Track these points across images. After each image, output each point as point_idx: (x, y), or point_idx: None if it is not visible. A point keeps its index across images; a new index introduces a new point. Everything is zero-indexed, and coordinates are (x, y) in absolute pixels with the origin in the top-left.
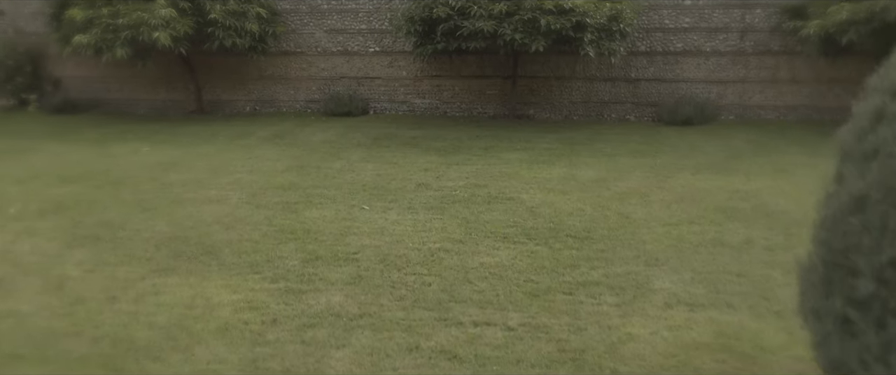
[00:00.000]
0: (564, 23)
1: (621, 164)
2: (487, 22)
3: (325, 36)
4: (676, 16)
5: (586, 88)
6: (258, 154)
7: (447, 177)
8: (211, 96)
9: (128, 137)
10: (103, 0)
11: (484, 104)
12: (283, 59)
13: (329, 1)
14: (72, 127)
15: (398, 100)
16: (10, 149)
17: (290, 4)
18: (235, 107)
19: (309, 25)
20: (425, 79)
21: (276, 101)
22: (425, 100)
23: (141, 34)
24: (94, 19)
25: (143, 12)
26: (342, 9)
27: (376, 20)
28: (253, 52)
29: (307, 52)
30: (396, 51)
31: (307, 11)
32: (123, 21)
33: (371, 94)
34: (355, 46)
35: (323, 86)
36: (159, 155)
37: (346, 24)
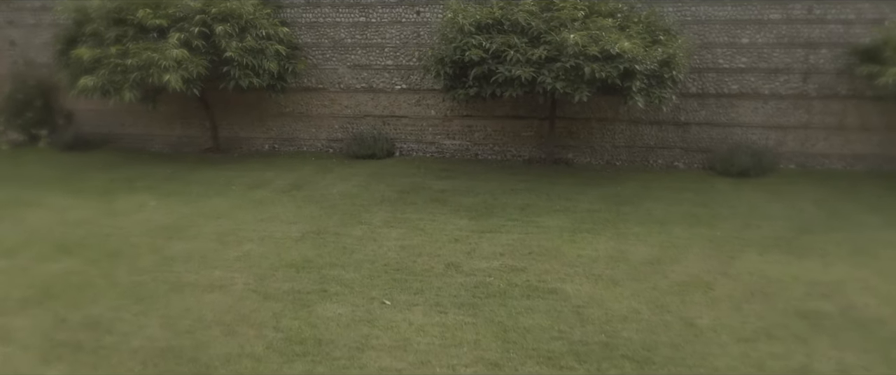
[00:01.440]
0: (611, 70)
1: (676, 237)
2: (525, 68)
3: (348, 72)
4: (732, 55)
5: (631, 132)
6: (272, 213)
7: (480, 252)
8: (228, 133)
9: (136, 186)
10: (112, 38)
11: (519, 146)
12: (304, 96)
13: (353, 35)
14: (80, 169)
15: (426, 141)
16: (9, 202)
17: (312, 38)
18: (253, 144)
19: (332, 60)
20: (455, 119)
21: (297, 140)
22: (455, 141)
23: (151, 76)
24: (102, 59)
25: (153, 52)
26: (367, 43)
27: (404, 55)
28: (271, 91)
29: (329, 89)
30: (425, 88)
31: (330, 46)
32: (133, 61)
33: (397, 134)
34: (381, 83)
35: (346, 125)
36: (166, 213)
37: (371, 60)
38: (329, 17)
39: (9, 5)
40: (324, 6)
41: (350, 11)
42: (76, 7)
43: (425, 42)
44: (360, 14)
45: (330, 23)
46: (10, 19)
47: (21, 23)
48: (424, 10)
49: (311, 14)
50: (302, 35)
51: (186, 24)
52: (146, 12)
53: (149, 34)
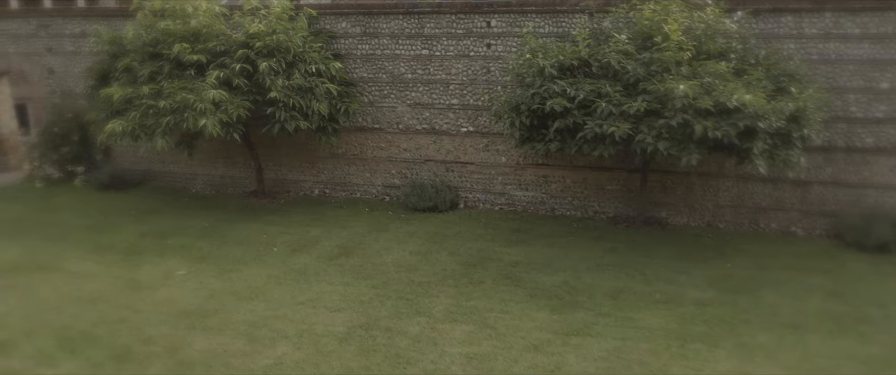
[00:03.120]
0: (728, 129)
1: (815, 353)
2: (620, 123)
3: (408, 111)
4: (867, 102)
5: (738, 189)
6: (315, 292)
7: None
8: (275, 174)
9: (168, 243)
10: (146, 75)
11: (602, 201)
12: (358, 136)
13: (414, 69)
14: (113, 214)
15: (495, 191)
16: (24, 264)
17: (368, 72)
18: (302, 188)
19: (390, 98)
20: (529, 167)
21: (349, 185)
22: (528, 192)
23: (185, 121)
24: (134, 99)
25: (188, 93)
26: (430, 79)
27: (471, 94)
28: (321, 134)
29: (387, 129)
30: (494, 132)
31: (388, 81)
32: (166, 103)
33: (462, 182)
34: (444, 124)
35: (404, 170)
36: (194, 287)
37: (433, 98)
38: (388, 49)
39: (47, 31)
40: (382, 36)
41: (411, 43)
42: (111, 38)
43: (496, 79)
44: (423, 46)
45: (388, 55)
46: (49, 46)
47: (60, 49)
48: (496, 43)
49: (368, 45)
50: (357, 69)
51: (227, 60)
52: (183, 47)
53: (186, 71)
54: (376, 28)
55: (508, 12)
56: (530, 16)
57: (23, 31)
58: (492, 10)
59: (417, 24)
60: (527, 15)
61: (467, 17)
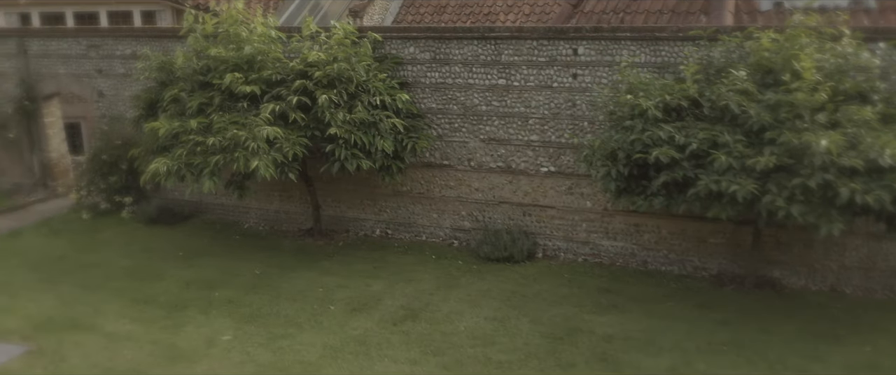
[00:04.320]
0: (881, 193)
1: None
2: (743, 181)
3: (481, 146)
4: None
5: (868, 248)
6: (377, 373)
7: None
8: (333, 211)
9: (214, 298)
10: (195, 107)
11: (704, 256)
12: (424, 173)
13: (489, 101)
14: (158, 255)
15: (578, 240)
16: (56, 321)
17: (438, 103)
18: (361, 227)
19: (461, 132)
20: (618, 214)
21: (414, 226)
22: (616, 242)
23: (235, 161)
24: (181, 134)
25: (240, 129)
26: (507, 112)
27: (553, 130)
28: (385, 174)
29: (457, 166)
30: (579, 173)
31: (460, 113)
32: (215, 140)
33: (540, 228)
34: (522, 163)
35: (476, 212)
36: (237, 362)
37: (510, 133)
38: (460, 78)
39: (98, 51)
40: (454, 64)
41: (487, 72)
42: (160, 64)
43: (582, 114)
44: (500, 75)
45: (461, 85)
46: (100, 68)
47: (110, 71)
48: (583, 73)
49: (438, 73)
50: (425, 99)
51: (283, 90)
52: (235, 77)
53: (238, 102)
54: (448, 54)
55: (598, 39)
56: (624, 43)
57: (73, 51)
58: (579, 36)
59: (494, 50)
60: (620, 42)
61: (551, 44)
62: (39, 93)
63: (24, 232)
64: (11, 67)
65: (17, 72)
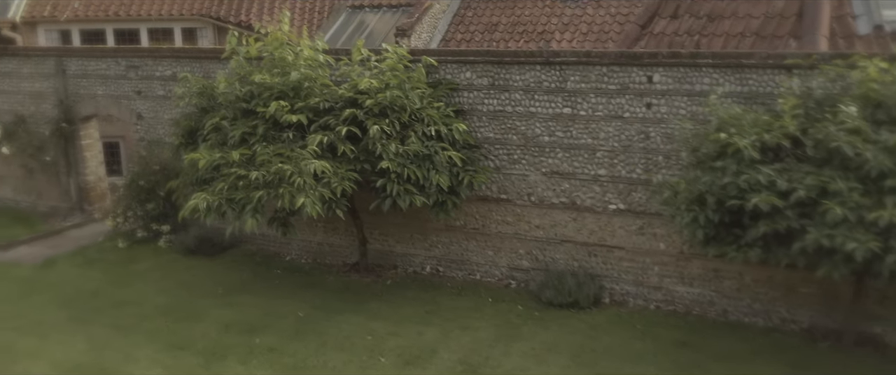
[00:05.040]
0: None
1: None
2: (863, 238)
3: (543, 180)
4: None
5: None
6: None
7: None
8: (380, 245)
9: (254, 344)
10: (237, 137)
11: (793, 307)
12: (479, 207)
13: (552, 131)
14: (197, 291)
15: (649, 285)
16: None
17: (495, 132)
18: (411, 263)
19: (521, 164)
20: (695, 258)
21: (467, 263)
22: (693, 288)
23: (280, 197)
24: (222, 167)
25: (285, 162)
26: (571, 144)
27: (623, 164)
28: (439, 210)
29: (516, 201)
30: (651, 212)
31: (519, 144)
32: (259, 174)
33: (607, 271)
34: (587, 199)
35: (535, 251)
36: None
37: (575, 167)
38: (520, 106)
39: (137, 72)
40: (514, 90)
41: (550, 100)
42: (201, 89)
43: (657, 148)
44: (565, 103)
45: (521, 113)
46: (139, 89)
47: (150, 93)
48: (658, 102)
49: (497, 100)
50: (481, 128)
51: (332, 120)
52: (280, 106)
53: (283, 132)
54: (508, 80)
55: (676, 65)
56: (705, 70)
57: (112, 71)
58: (655, 62)
59: (559, 76)
60: (701, 69)
61: (623, 70)
62: (77, 115)
63: (58, 262)
64: (49, 87)
65: (55, 92)
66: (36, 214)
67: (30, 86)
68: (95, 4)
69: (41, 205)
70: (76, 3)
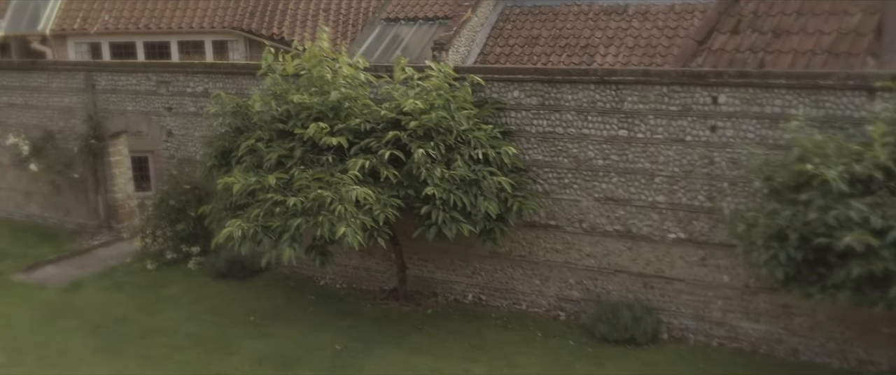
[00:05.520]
0: None
1: None
2: None
3: (595, 206)
4: None
5: None
6: None
7: None
8: (419, 271)
9: None
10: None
11: (872, 348)
12: (527, 234)
13: (607, 154)
14: (227, 319)
15: (711, 319)
16: None
17: (545, 154)
18: (451, 291)
19: (572, 188)
20: (762, 292)
21: (512, 292)
22: (759, 325)
23: (319, 225)
24: (258, 191)
25: (325, 188)
26: (627, 168)
27: (684, 191)
28: (486, 239)
29: (566, 227)
30: (714, 242)
31: (570, 167)
32: (296, 201)
33: (665, 303)
34: (644, 227)
35: (586, 280)
36: None
37: (631, 193)
38: (572, 127)
39: (168, 88)
40: (565, 110)
41: (605, 121)
42: (235, 107)
43: (722, 174)
44: (621, 125)
45: (573, 135)
46: (169, 105)
47: (180, 110)
48: (724, 125)
49: (546, 121)
50: (530, 150)
51: (373, 142)
52: (320, 127)
53: (322, 155)
54: (559, 99)
55: (745, 85)
56: (777, 91)
57: (142, 87)
58: (721, 82)
59: (615, 96)
60: (772, 90)
61: (685, 90)
62: (106, 131)
63: (84, 284)
64: (79, 103)
65: (84, 107)
66: (63, 232)
67: (59, 101)
68: (126, 17)
69: (68, 223)
70: (106, 16)
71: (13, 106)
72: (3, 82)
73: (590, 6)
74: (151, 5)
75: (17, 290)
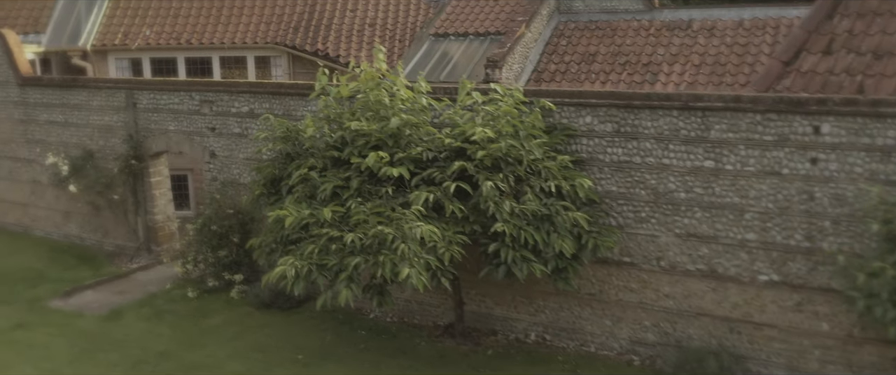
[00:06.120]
0: None
1: None
2: None
3: (676, 242)
4: None
5: None
6: None
7: None
8: (476, 306)
9: None
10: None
11: None
12: (597, 270)
13: (690, 187)
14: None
15: (807, 371)
16: None
17: (619, 185)
18: (512, 329)
19: (649, 223)
20: (868, 343)
21: (579, 332)
22: None
23: (380, 265)
24: (312, 226)
25: (386, 224)
26: (714, 202)
27: (778, 228)
28: (559, 279)
29: (641, 265)
30: (813, 285)
31: (648, 200)
32: (354, 237)
33: (753, 352)
34: (731, 267)
35: (664, 323)
36: None
37: (717, 229)
38: (651, 156)
39: (212, 107)
40: (644, 138)
41: (689, 150)
42: (285, 132)
43: (824, 211)
44: (707, 155)
45: (651, 165)
46: (213, 125)
47: (224, 130)
48: (827, 157)
49: (622, 149)
50: (602, 180)
51: (437, 173)
52: (379, 157)
53: (382, 186)
54: (636, 126)
55: (852, 114)
56: (889, 121)
57: (185, 106)
58: (824, 111)
59: (701, 124)
60: (884, 120)
61: (782, 119)
62: (147, 151)
63: (124, 312)
64: (119, 121)
65: (125, 126)
66: (102, 253)
67: (99, 120)
68: (167, 32)
69: (107, 244)
70: (148, 31)
71: (53, 123)
72: (44, 99)
73: (650, 21)
74: (193, 20)
75: (55, 318)
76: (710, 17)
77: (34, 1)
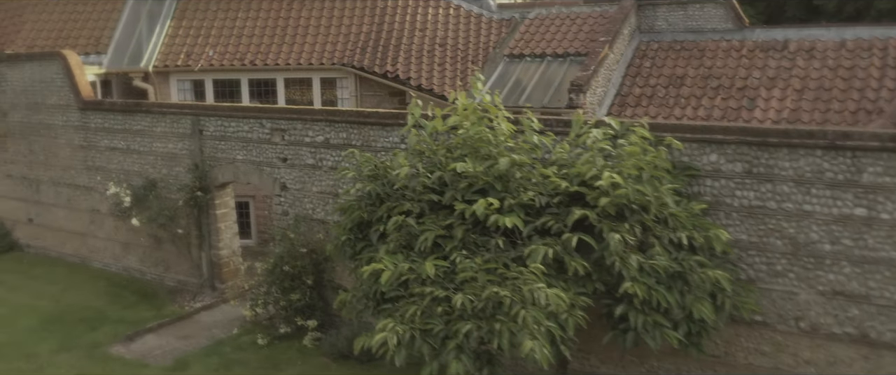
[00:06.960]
0: None
1: None
2: None
3: (819, 301)
4: None
5: None
6: None
7: None
8: (581, 365)
9: None
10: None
11: None
12: (723, 329)
13: (836, 238)
14: None
15: None
16: None
17: (749, 233)
18: None
19: (786, 277)
20: None
21: None
22: None
23: (497, 335)
24: (412, 282)
25: (500, 285)
26: (866, 256)
27: None
28: (692, 346)
29: (776, 325)
30: None
31: (784, 251)
32: (465, 300)
33: None
34: (887, 331)
35: None
36: None
37: (870, 287)
38: (789, 202)
39: (283, 137)
40: (780, 180)
41: (835, 196)
42: (373, 170)
43: None
44: (857, 201)
45: (790, 211)
46: (285, 155)
47: (297, 161)
48: None
49: (753, 192)
50: (729, 226)
51: (552, 222)
52: (487, 203)
53: (490, 237)
54: (772, 167)
55: None
56: None
57: (254, 135)
58: None
59: (850, 165)
60: None
61: None
62: (213, 181)
63: (190, 363)
64: (184, 149)
65: (190, 154)
66: (162, 289)
67: (163, 147)
68: (231, 52)
69: (168, 279)
70: (211, 51)
71: (114, 150)
72: (105, 124)
73: (741, 41)
74: (257, 40)
75: (117, 368)
76: (807, 37)
77: (95, 21)
